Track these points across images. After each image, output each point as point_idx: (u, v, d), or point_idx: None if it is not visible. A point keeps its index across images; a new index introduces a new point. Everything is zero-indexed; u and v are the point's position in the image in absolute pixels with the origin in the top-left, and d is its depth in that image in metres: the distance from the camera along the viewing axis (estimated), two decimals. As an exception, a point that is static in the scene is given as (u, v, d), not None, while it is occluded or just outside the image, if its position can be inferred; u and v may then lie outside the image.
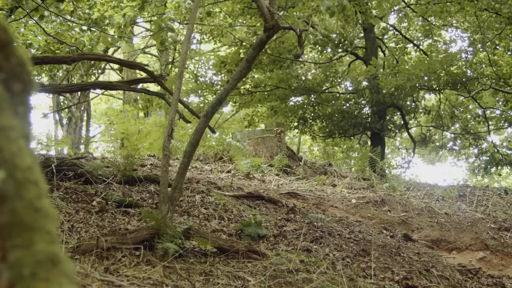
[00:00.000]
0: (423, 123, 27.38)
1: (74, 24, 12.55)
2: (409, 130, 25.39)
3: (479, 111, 25.10)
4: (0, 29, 1.00)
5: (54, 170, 7.86)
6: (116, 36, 13.21)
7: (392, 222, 10.04)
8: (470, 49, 19.75)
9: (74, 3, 11.66)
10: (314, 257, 6.34)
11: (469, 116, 25.86)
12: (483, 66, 21.11)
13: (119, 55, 27.80)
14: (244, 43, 21.06)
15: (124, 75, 26.84)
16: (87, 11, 12.13)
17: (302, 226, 7.89)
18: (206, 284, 4.94)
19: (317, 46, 22.25)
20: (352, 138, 25.37)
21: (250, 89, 22.94)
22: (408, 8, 22.50)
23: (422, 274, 6.55)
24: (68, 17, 11.96)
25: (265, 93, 22.52)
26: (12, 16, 11.87)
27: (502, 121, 25.18)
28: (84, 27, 12.58)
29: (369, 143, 23.29)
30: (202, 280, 4.99)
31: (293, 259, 5.98)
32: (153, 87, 19.90)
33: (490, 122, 24.87)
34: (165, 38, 12.03)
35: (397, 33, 24.69)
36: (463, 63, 19.96)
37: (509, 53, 21.70)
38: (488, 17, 18.21)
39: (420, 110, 24.54)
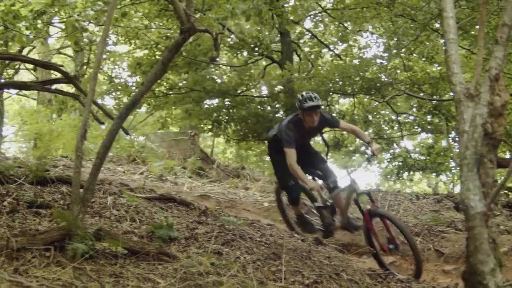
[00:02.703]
0: (337, 127, 27.62)
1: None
2: (323, 134, 25.67)
3: (393, 116, 25.58)
4: None
5: (-36, 170, 7.74)
6: (31, 36, 13.01)
7: (303, 226, 10.15)
8: (385, 54, 20.12)
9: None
10: (225, 260, 6.37)
11: (382, 121, 26.31)
12: (398, 71, 21.53)
13: (34, 55, 27.30)
14: (159, 45, 20.97)
15: (39, 76, 26.45)
16: None
17: (214, 229, 7.93)
18: (116, 285, 4.93)
19: (233, 49, 22.36)
20: (266, 141, 25.54)
21: (165, 91, 22.91)
22: (324, 13, 22.82)
23: (332, 278, 6.62)
24: None
25: (180, 95, 22.49)
26: None
27: (415, 127, 25.76)
28: None
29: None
30: (112, 282, 4.98)
31: (204, 262, 5.99)
32: (68, 88, 19.70)
33: (403, 128, 25.40)
34: (80, 38, 11.91)
35: (313, 37, 24.98)
36: (378, 68, 20.30)
37: (423, 59, 22.21)
38: (404, 23, 18.57)
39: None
